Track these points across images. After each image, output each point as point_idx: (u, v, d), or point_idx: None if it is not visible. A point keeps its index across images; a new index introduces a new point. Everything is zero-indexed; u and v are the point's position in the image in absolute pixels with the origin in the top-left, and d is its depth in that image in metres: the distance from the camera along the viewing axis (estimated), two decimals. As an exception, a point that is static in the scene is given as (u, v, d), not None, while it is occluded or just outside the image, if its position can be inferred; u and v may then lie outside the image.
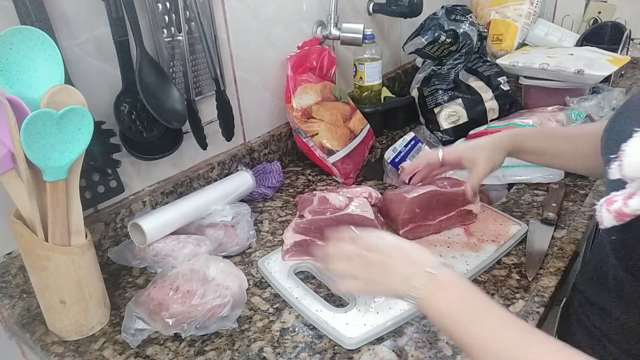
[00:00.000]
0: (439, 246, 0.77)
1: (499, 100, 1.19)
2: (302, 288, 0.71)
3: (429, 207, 0.79)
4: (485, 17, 1.58)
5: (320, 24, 1.15)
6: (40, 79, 0.59)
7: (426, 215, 0.79)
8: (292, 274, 0.74)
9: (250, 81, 1.02)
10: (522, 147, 0.77)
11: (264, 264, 0.77)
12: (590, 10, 1.62)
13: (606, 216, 0.50)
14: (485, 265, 0.73)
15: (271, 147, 1.10)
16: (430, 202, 0.78)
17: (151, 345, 0.65)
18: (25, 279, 0.71)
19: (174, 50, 0.84)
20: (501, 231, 0.80)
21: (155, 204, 0.87)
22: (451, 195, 0.80)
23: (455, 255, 0.75)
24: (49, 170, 0.58)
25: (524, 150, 0.77)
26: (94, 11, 0.73)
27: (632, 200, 0.47)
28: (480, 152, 0.77)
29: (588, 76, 1.13)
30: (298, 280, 0.72)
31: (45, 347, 0.67)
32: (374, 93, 1.21)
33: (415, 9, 1.21)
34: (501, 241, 0.78)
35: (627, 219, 0.48)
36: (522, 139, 0.77)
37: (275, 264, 0.77)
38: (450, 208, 0.81)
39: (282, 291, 0.71)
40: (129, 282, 0.78)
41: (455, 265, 0.72)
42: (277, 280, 0.73)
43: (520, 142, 0.77)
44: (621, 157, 0.49)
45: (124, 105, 0.77)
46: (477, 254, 0.75)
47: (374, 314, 0.65)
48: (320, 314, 0.66)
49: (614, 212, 0.49)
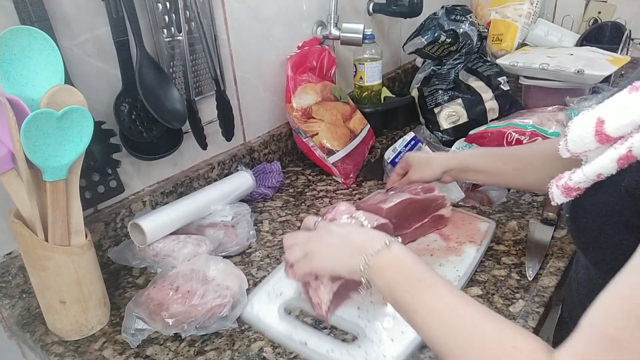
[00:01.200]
0: (422, 255, 0.75)
1: (499, 100, 1.19)
2: (302, 329, 0.64)
3: (404, 216, 0.77)
4: (485, 17, 1.58)
5: (320, 24, 1.15)
6: (40, 79, 0.59)
7: (402, 224, 0.77)
8: (284, 314, 0.66)
9: (250, 81, 1.02)
10: (472, 166, 0.79)
11: (247, 310, 0.68)
12: (590, 10, 1.63)
13: (555, 192, 0.52)
14: (473, 268, 0.72)
15: (271, 147, 1.10)
16: (406, 211, 0.77)
17: (151, 345, 0.65)
18: (25, 279, 0.71)
19: (174, 50, 0.84)
20: (473, 230, 0.81)
21: (155, 204, 0.87)
22: (425, 201, 0.79)
23: (442, 262, 0.74)
24: (49, 170, 0.58)
25: (474, 170, 0.79)
26: (94, 11, 0.73)
27: (575, 174, 0.49)
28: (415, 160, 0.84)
29: (588, 76, 1.13)
30: (294, 321, 0.65)
31: (45, 347, 0.67)
32: (374, 93, 1.21)
33: (415, 9, 1.21)
34: (477, 240, 0.78)
35: (573, 193, 0.50)
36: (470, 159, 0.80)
37: (260, 307, 0.68)
38: (424, 215, 0.80)
39: (282, 339, 0.63)
40: (129, 282, 0.78)
41: (446, 273, 0.71)
42: (271, 326, 0.65)
43: (468, 161, 0.80)
44: (566, 132, 0.50)
45: (124, 105, 0.77)
46: (461, 258, 0.74)
47: (389, 342, 0.61)
48: (333, 355, 0.60)
49: (561, 187, 0.51)
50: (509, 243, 0.79)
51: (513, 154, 0.77)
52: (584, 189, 0.49)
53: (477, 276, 0.72)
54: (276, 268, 0.76)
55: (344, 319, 0.65)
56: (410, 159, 0.85)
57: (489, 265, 0.75)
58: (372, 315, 0.65)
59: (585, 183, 0.48)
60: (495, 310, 0.66)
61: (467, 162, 0.79)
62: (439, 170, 0.81)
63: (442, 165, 0.81)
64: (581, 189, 0.49)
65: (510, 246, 0.79)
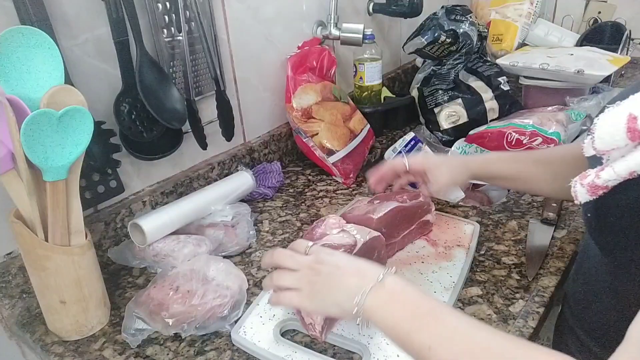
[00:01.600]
0: (413, 264, 0.75)
1: (499, 100, 1.19)
2: (302, 352, 0.60)
3: (393, 224, 0.75)
4: (485, 17, 1.58)
5: (320, 24, 1.15)
6: (40, 79, 0.59)
7: (391, 233, 0.75)
8: (280, 337, 0.62)
9: (250, 81, 1.02)
10: (492, 172, 0.76)
11: (241, 335, 0.63)
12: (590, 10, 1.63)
13: (580, 190, 0.50)
14: (467, 273, 0.72)
15: (271, 147, 1.10)
16: (395, 219, 0.75)
17: (151, 345, 0.65)
18: (25, 279, 0.71)
19: (174, 50, 0.84)
20: (459, 234, 0.80)
21: (155, 204, 0.87)
22: (411, 208, 0.78)
23: (435, 269, 0.73)
24: (49, 170, 0.58)
25: (495, 176, 0.76)
26: (94, 11, 0.73)
27: (604, 172, 0.47)
28: (444, 167, 0.76)
29: (588, 76, 1.13)
30: (292, 344, 0.61)
31: (45, 347, 0.67)
32: (374, 93, 1.21)
33: (415, 9, 1.21)
34: (465, 244, 0.78)
35: (600, 191, 0.48)
36: (491, 163, 0.76)
37: (253, 331, 0.64)
38: (412, 222, 0.79)
39: None
40: (129, 282, 0.78)
41: (440, 280, 0.71)
42: (267, 350, 0.60)
43: (489, 166, 0.76)
44: (593, 130, 0.49)
45: (124, 105, 0.77)
46: (452, 263, 0.74)
47: (395, 358, 0.58)
48: None
49: (587, 186, 0.49)
50: (509, 243, 0.79)
51: (545, 157, 0.73)
52: (610, 187, 0.47)
53: (477, 276, 0.72)
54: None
55: (345, 337, 0.62)
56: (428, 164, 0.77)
57: (489, 265, 0.75)
58: (373, 330, 0.62)
59: (615, 181, 0.46)
60: (495, 310, 0.66)
61: (495, 168, 0.75)
62: (469, 172, 0.76)
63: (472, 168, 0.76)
64: (608, 188, 0.47)
65: (510, 246, 0.79)
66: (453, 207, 0.91)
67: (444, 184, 0.76)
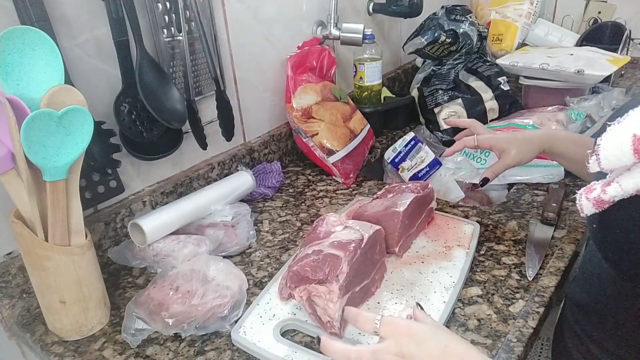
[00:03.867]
0: (413, 264, 0.75)
1: (499, 100, 1.19)
2: (302, 352, 0.59)
3: (412, 216, 0.78)
4: (485, 17, 1.58)
5: (320, 24, 1.15)
6: (40, 79, 0.59)
7: (410, 224, 0.78)
8: (280, 337, 0.62)
9: (250, 81, 1.02)
10: (556, 149, 0.78)
11: (241, 335, 0.63)
12: (590, 10, 1.63)
13: (585, 204, 0.51)
14: (467, 273, 0.72)
15: (271, 147, 1.10)
16: (414, 210, 0.78)
17: (151, 345, 0.65)
18: (25, 279, 0.71)
19: (174, 50, 0.84)
20: (459, 234, 0.81)
21: (155, 204, 0.87)
22: (425, 197, 0.81)
23: (435, 269, 0.73)
24: (49, 170, 0.58)
25: (557, 154, 0.78)
26: (94, 11, 0.73)
27: (610, 187, 0.48)
28: (512, 144, 0.78)
29: (588, 76, 1.13)
30: (292, 344, 0.61)
31: (45, 347, 0.67)
32: (374, 93, 1.21)
33: (415, 9, 1.21)
34: (465, 244, 0.78)
35: (606, 205, 0.49)
36: (558, 142, 0.78)
37: (253, 330, 0.63)
38: (422, 210, 0.81)
39: None
40: (129, 282, 0.78)
41: (441, 280, 0.70)
42: (267, 350, 0.60)
43: (556, 144, 0.78)
44: (597, 150, 0.50)
45: (124, 105, 0.77)
46: (452, 263, 0.74)
47: None
48: None
49: (592, 200, 0.50)
50: (509, 243, 0.79)
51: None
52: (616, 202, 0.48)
53: (477, 276, 0.72)
54: (264, 288, 0.71)
55: (345, 337, 0.62)
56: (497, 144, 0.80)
57: (489, 265, 0.75)
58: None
59: (621, 197, 0.48)
60: (495, 310, 0.66)
61: (560, 146, 0.77)
62: (538, 150, 0.78)
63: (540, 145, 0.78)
64: (614, 202, 0.49)
65: (510, 246, 0.79)
66: (453, 207, 0.91)
67: (511, 163, 0.79)
